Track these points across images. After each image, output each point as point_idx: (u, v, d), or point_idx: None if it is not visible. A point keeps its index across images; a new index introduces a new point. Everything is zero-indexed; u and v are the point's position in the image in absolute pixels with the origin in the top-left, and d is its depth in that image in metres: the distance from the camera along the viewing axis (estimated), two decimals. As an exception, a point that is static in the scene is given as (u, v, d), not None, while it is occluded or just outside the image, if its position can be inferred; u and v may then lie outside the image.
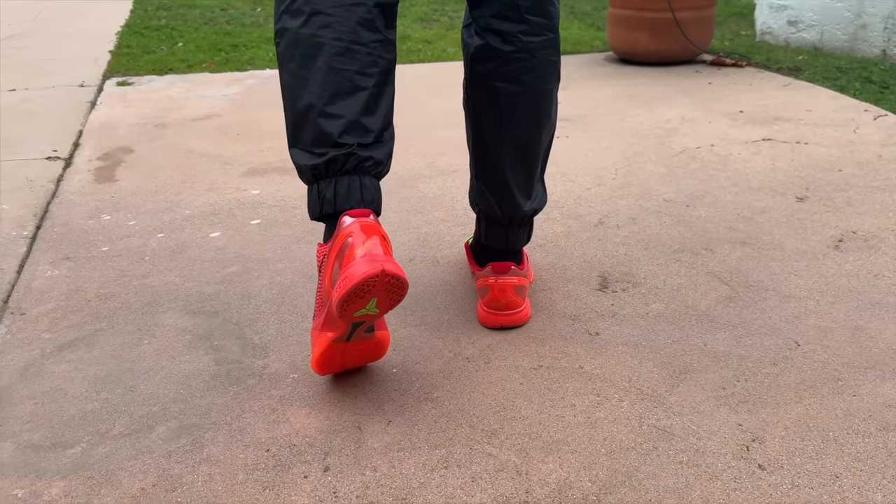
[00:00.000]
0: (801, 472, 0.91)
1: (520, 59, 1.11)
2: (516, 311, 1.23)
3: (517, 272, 1.22)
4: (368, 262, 0.90)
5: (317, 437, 0.99)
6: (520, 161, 1.18)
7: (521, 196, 1.20)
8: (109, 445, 0.98)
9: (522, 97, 1.13)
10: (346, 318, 0.94)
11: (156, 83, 2.93)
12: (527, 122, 1.15)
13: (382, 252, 0.92)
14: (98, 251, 1.52)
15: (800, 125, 2.22)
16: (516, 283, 1.22)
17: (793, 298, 1.29)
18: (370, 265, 0.89)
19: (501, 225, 1.23)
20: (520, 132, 1.15)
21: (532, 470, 0.92)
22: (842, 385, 1.07)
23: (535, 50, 1.11)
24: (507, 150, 1.17)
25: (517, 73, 1.11)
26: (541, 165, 1.23)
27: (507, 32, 1.10)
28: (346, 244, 0.94)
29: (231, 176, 1.91)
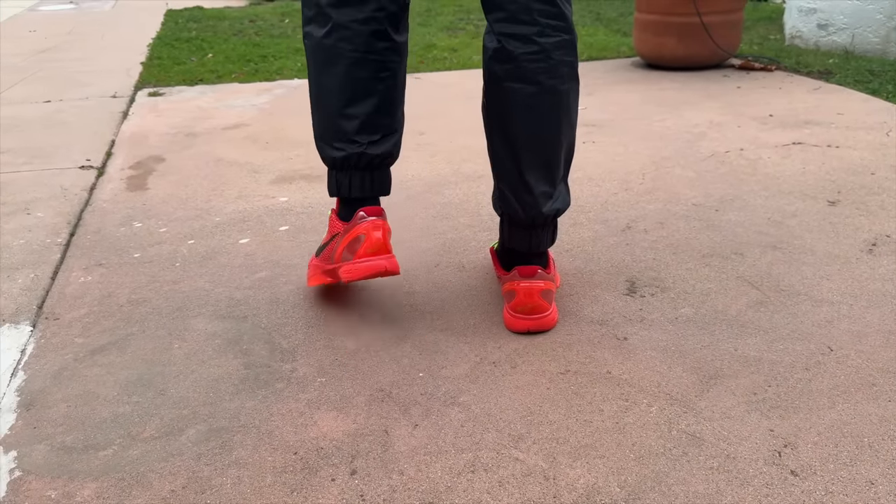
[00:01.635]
0: (834, 478, 0.89)
1: (535, 61, 1.12)
2: (543, 315, 1.22)
3: (543, 276, 1.22)
4: (373, 263, 1.19)
5: (344, 441, 0.99)
6: (539, 162, 1.18)
7: (543, 197, 1.19)
8: (140, 448, 0.99)
9: (538, 98, 1.14)
10: (347, 282, 1.26)
11: (186, 93, 2.98)
12: (544, 122, 1.15)
13: (384, 250, 1.19)
14: (130, 257, 1.55)
15: (831, 128, 2.19)
16: (543, 287, 1.21)
17: (825, 303, 1.27)
18: (374, 265, 1.19)
19: (524, 227, 1.22)
20: (537, 133, 1.16)
21: (560, 475, 0.92)
22: (876, 390, 1.04)
23: (550, 51, 1.12)
24: (526, 152, 1.17)
25: (533, 74, 1.13)
26: (563, 166, 1.22)
27: (522, 35, 1.12)
28: (358, 239, 1.20)
29: (260, 183, 1.93)
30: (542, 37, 1.11)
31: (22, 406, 1.09)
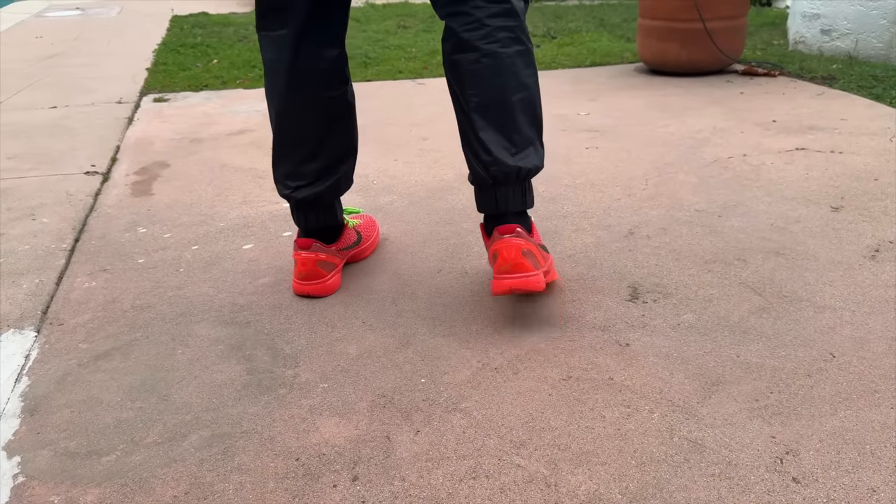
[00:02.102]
0: (836, 485, 0.89)
1: (471, 30, 1.20)
2: (527, 275, 1.19)
3: (523, 234, 1.23)
4: (298, 287, 1.39)
5: (346, 447, 0.99)
6: (492, 124, 1.23)
7: (502, 154, 1.22)
8: (143, 453, 1.00)
9: (479, 63, 1.21)
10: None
11: (191, 99, 2.99)
12: (489, 85, 1.21)
13: (311, 277, 1.38)
14: (134, 263, 1.55)
15: (834, 134, 2.19)
16: (523, 246, 1.21)
17: (828, 309, 1.27)
18: (299, 289, 1.39)
19: (489, 187, 1.26)
20: (482, 94, 1.22)
21: (561, 481, 0.92)
22: (879, 397, 1.04)
23: (483, 19, 1.19)
24: (477, 115, 1.23)
25: (471, 41, 1.20)
26: (526, 126, 1.24)
27: (459, 11, 1.21)
28: (295, 262, 1.39)
29: (264, 189, 1.94)
30: (476, 9, 1.20)
31: (26, 411, 1.09)
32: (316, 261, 1.37)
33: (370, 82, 3.22)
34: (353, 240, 1.48)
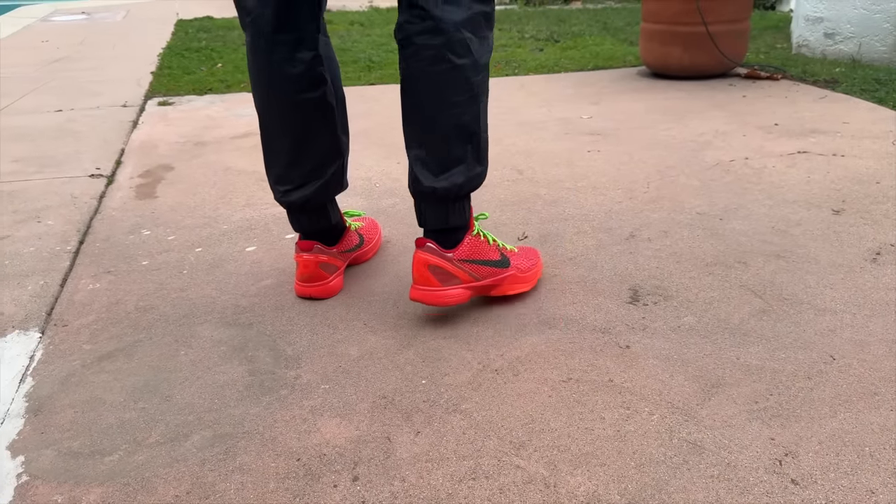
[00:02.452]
0: (835, 487, 0.89)
1: (404, 47, 1.21)
2: (431, 290, 1.26)
3: (434, 250, 1.26)
4: (300, 289, 1.40)
5: (346, 447, 1.00)
6: (415, 140, 1.24)
7: (424, 172, 1.23)
8: (145, 453, 1.00)
9: (407, 81, 1.22)
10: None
11: (195, 103, 3.01)
12: (414, 102, 1.22)
13: (314, 279, 1.39)
14: (138, 265, 1.56)
15: (836, 137, 2.19)
16: (430, 261, 1.26)
17: (828, 312, 1.27)
18: (300, 291, 1.40)
19: (414, 200, 1.28)
20: (408, 113, 1.24)
21: (560, 482, 0.92)
22: (878, 399, 1.04)
23: (412, 36, 1.19)
24: (405, 129, 1.25)
25: (402, 59, 1.22)
26: (453, 146, 1.22)
27: (399, 24, 1.21)
28: (297, 264, 1.39)
29: (267, 192, 1.95)
30: (408, 23, 1.19)
31: (30, 411, 1.10)
32: (317, 263, 1.38)
33: (373, 86, 3.23)
34: (356, 242, 1.49)
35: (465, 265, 1.28)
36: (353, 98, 2.98)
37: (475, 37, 1.18)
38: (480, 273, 1.30)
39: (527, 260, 1.39)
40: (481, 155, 1.26)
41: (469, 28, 1.17)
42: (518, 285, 1.36)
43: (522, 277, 1.36)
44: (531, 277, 1.38)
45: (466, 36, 1.17)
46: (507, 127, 2.50)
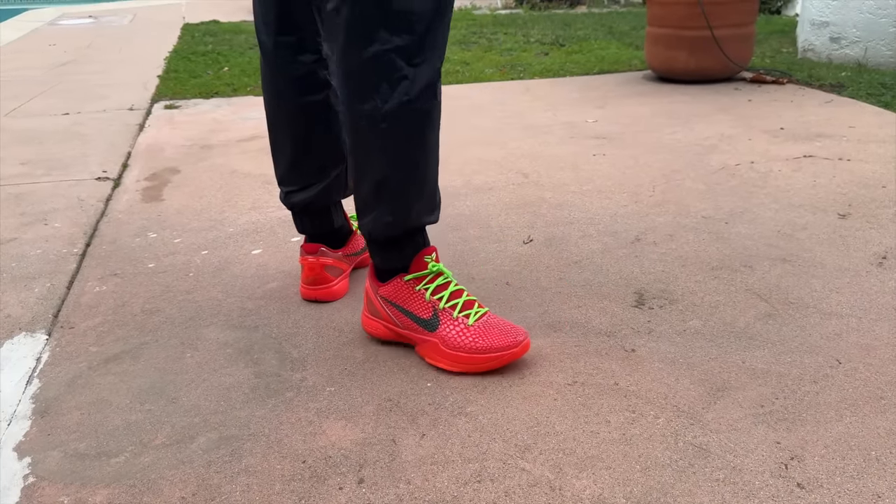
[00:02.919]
0: (841, 491, 0.89)
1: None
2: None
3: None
4: (305, 292, 1.42)
5: (352, 450, 1.00)
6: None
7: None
8: (152, 455, 1.01)
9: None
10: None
11: (202, 106, 3.02)
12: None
13: (318, 282, 1.39)
14: (144, 268, 1.57)
15: (842, 142, 2.19)
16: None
17: (834, 316, 1.27)
18: (306, 294, 1.42)
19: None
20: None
21: (566, 485, 0.92)
22: (885, 403, 1.04)
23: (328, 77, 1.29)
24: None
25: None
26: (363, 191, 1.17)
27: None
28: (302, 267, 1.40)
29: (273, 195, 1.96)
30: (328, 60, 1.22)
31: (37, 413, 1.11)
32: (322, 266, 1.38)
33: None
34: (361, 245, 1.49)
35: (388, 306, 1.22)
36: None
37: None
38: (401, 321, 1.21)
39: (481, 339, 1.14)
40: (393, 204, 1.15)
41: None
42: (438, 359, 1.17)
43: (447, 353, 1.16)
44: (468, 361, 1.14)
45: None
46: (512, 131, 2.51)
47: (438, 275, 1.21)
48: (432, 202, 1.19)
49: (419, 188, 1.15)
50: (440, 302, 1.19)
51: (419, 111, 1.09)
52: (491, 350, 1.14)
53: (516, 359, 1.15)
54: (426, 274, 1.20)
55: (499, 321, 1.18)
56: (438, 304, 1.19)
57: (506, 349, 1.14)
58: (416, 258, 1.20)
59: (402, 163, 1.13)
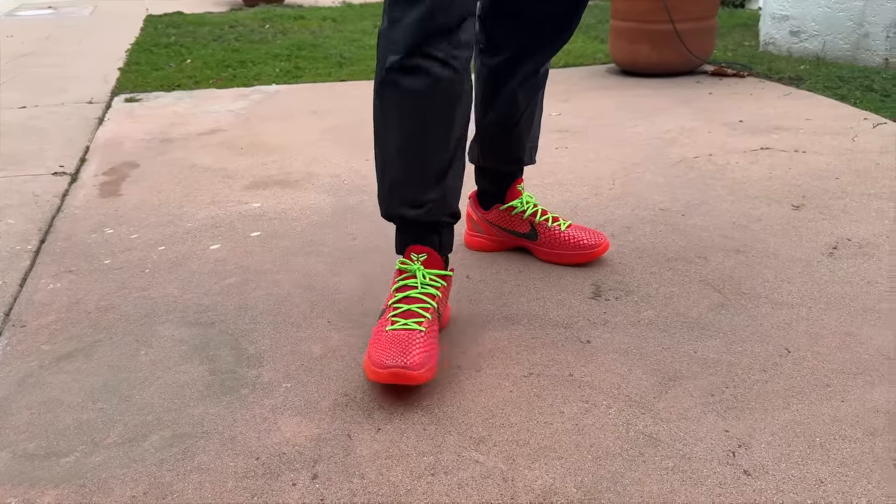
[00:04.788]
0: (785, 477, 0.91)
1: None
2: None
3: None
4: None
5: (306, 446, 1.00)
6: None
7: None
8: (103, 454, 1.00)
9: None
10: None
11: (163, 99, 2.97)
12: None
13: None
14: (100, 264, 1.55)
15: (799, 134, 2.22)
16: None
17: (785, 305, 1.29)
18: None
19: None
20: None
21: (518, 476, 0.93)
22: (830, 391, 1.07)
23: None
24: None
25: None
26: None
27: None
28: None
29: (233, 189, 1.94)
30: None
31: (-15, 413, 1.09)
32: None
33: (344, 82, 3.22)
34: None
35: (492, 227, 1.54)
36: (323, 94, 2.96)
37: None
38: (505, 237, 1.54)
39: (573, 240, 1.48)
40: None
41: None
42: (544, 257, 1.50)
43: (550, 253, 1.49)
44: (566, 257, 1.47)
45: None
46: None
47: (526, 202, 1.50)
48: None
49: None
50: (535, 217, 1.48)
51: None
52: (584, 247, 1.46)
53: (599, 256, 1.47)
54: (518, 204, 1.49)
55: (583, 228, 1.50)
56: (534, 219, 1.48)
57: (592, 247, 1.46)
58: (511, 187, 1.49)
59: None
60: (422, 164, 1.16)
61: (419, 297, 1.16)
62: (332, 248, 1.59)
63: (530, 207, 1.49)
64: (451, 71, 1.11)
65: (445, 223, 1.23)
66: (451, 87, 1.13)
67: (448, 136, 1.16)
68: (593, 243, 1.46)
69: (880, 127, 2.24)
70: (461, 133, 1.18)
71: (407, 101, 1.13)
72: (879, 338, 1.19)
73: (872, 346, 1.16)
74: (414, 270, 1.19)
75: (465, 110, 1.17)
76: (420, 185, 1.17)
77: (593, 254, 1.46)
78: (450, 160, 1.17)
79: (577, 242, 1.46)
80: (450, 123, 1.15)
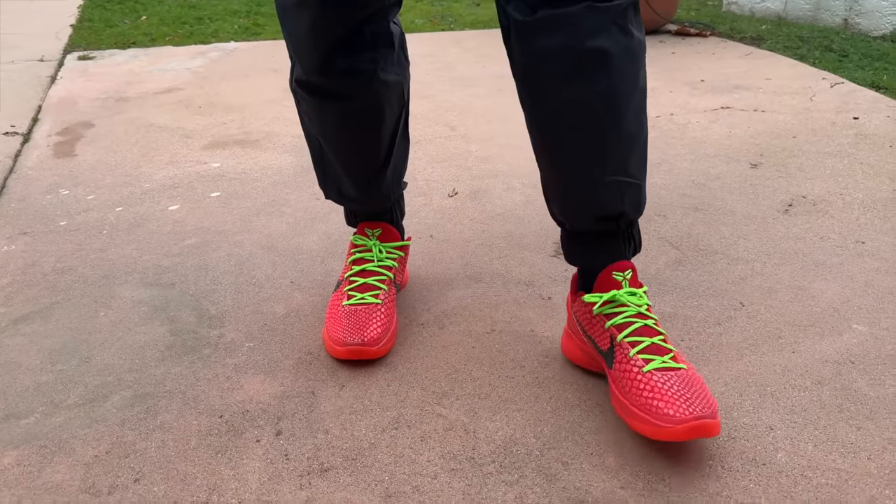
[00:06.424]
0: (737, 425, 0.94)
1: None
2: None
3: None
4: None
5: (270, 403, 1.00)
6: None
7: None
8: (63, 415, 0.99)
9: None
10: None
11: (118, 57, 2.89)
12: None
13: None
14: (56, 226, 1.51)
15: (758, 93, 2.25)
16: None
17: (740, 261, 1.32)
18: None
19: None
20: None
21: (479, 428, 0.95)
22: (782, 343, 1.10)
23: None
24: None
25: None
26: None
27: None
28: None
29: (192, 149, 1.90)
30: None
31: (-60, 377, 1.07)
32: None
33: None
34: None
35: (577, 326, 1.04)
36: (284, 51, 2.90)
37: None
38: (588, 349, 1.03)
39: (645, 394, 0.88)
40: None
41: None
42: (614, 404, 0.94)
43: (616, 398, 0.93)
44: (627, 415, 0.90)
45: None
46: (441, 83, 2.49)
47: (624, 305, 0.95)
48: None
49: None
50: (619, 332, 0.94)
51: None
52: (652, 412, 0.85)
53: (685, 439, 0.83)
54: (609, 298, 0.95)
55: (685, 376, 0.89)
56: (617, 334, 0.94)
57: (673, 421, 0.83)
58: (604, 272, 0.96)
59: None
60: (357, 166, 1.09)
61: (376, 269, 1.15)
62: (294, 209, 1.57)
63: (626, 310, 0.95)
64: (361, 81, 1.00)
65: (396, 200, 1.20)
66: (365, 97, 1.02)
67: (379, 138, 1.07)
68: (680, 415, 0.83)
69: (837, 86, 2.28)
70: (395, 127, 1.09)
71: (323, 113, 1.04)
72: (830, 291, 1.22)
73: (823, 300, 1.20)
74: (370, 246, 1.17)
75: (392, 107, 1.06)
76: (358, 186, 1.11)
77: (671, 432, 0.83)
78: (387, 153, 1.10)
79: (648, 402, 0.86)
80: (377, 126, 1.06)
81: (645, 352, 0.91)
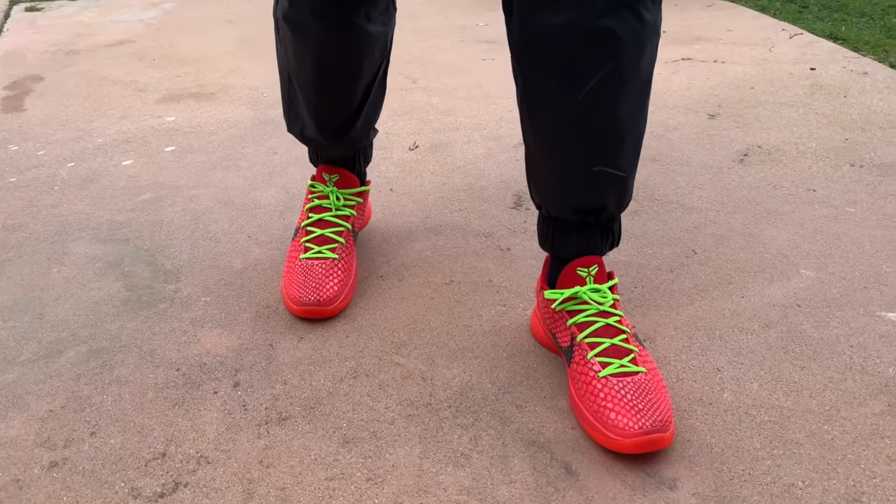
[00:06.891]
0: (686, 367, 0.97)
1: None
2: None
3: None
4: None
5: (227, 356, 1.01)
6: None
7: None
8: (17, 371, 0.98)
9: None
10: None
11: (67, 8, 2.78)
12: None
13: None
14: (5, 182, 1.48)
15: (719, 45, 2.26)
16: None
17: (694, 210, 1.35)
18: None
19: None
20: None
21: (437, 376, 0.96)
22: (732, 288, 1.13)
23: None
24: None
25: None
26: None
27: None
28: None
29: (145, 103, 1.86)
30: None
31: None
32: None
33: (263, -9, 3.07)
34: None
35: (541, 314, 1.01)
36: (240, 2, 2.83)
37: None
38: (549, 342, 1.01)
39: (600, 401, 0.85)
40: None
41: None
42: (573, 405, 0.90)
43: (574, 401, 0.89)
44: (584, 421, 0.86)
45: None
46: (402, 34, 2.45)
47: (586, 303, 0.91)
48: None
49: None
50: (579, 332, 0.91)
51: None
52: (604, 422, 0.83)
53: (638, 451, 0.81)
54: (571, 295, 0.92)
55: (640, 383, 0.85)
56: (577, 333, 0.91)
57: (624, 434, 0.81)
58: (569, 266, 0.93)
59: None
60: (326, 111, 1.06)
61: (333, 220, 1.14)
62: (251, 163, 1.55)
63: (587, 308, 0.91)
64: (350, 30, 0.98)
65: (363, 147, 1.18)
66: (346, 47, 0.99)
67: (355, 87, 1.04)
68: (630, 428, 0.81)
69: (796, 38, 2.29)
70: (373, 77, 1.07)
71: (301, 55, 1.01)
72: (780, 238, 1.25)
73: (773, 246, 1.23)
74: (327, 192, 1.16)
75: (374, 57, 1.04)
76: (325, 130, 1.08)
77: (621, 445, 0.81)
78: (361, 102, 1.07)
79: (601, 410, 0.84)
80: (354, 77, 1.03)
81: (603, 354, 0.88)
